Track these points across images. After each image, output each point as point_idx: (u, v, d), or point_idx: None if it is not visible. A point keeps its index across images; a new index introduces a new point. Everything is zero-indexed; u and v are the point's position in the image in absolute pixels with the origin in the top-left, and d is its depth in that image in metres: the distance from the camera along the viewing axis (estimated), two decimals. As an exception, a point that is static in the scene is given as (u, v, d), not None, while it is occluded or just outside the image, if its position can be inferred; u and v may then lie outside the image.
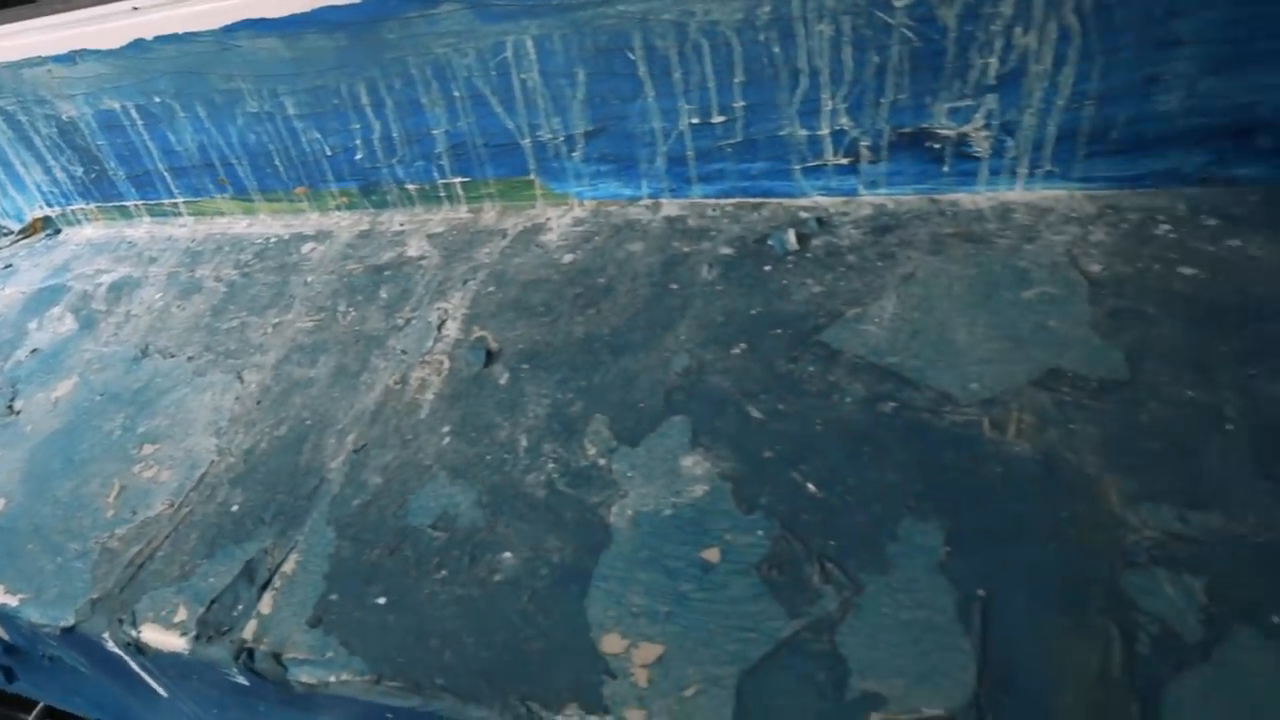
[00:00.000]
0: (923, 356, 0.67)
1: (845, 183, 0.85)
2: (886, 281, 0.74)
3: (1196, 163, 0.75)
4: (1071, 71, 0.73)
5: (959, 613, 0.51)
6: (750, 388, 0.69)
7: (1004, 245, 0.75)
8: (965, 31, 0.73)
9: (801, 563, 0.56)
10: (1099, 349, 0.63)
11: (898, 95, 0.78)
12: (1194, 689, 0.45)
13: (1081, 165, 0.77)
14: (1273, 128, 0.71)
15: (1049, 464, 0.57)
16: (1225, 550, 0.50)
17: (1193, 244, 0.70)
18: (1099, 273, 0.69)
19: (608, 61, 0.84)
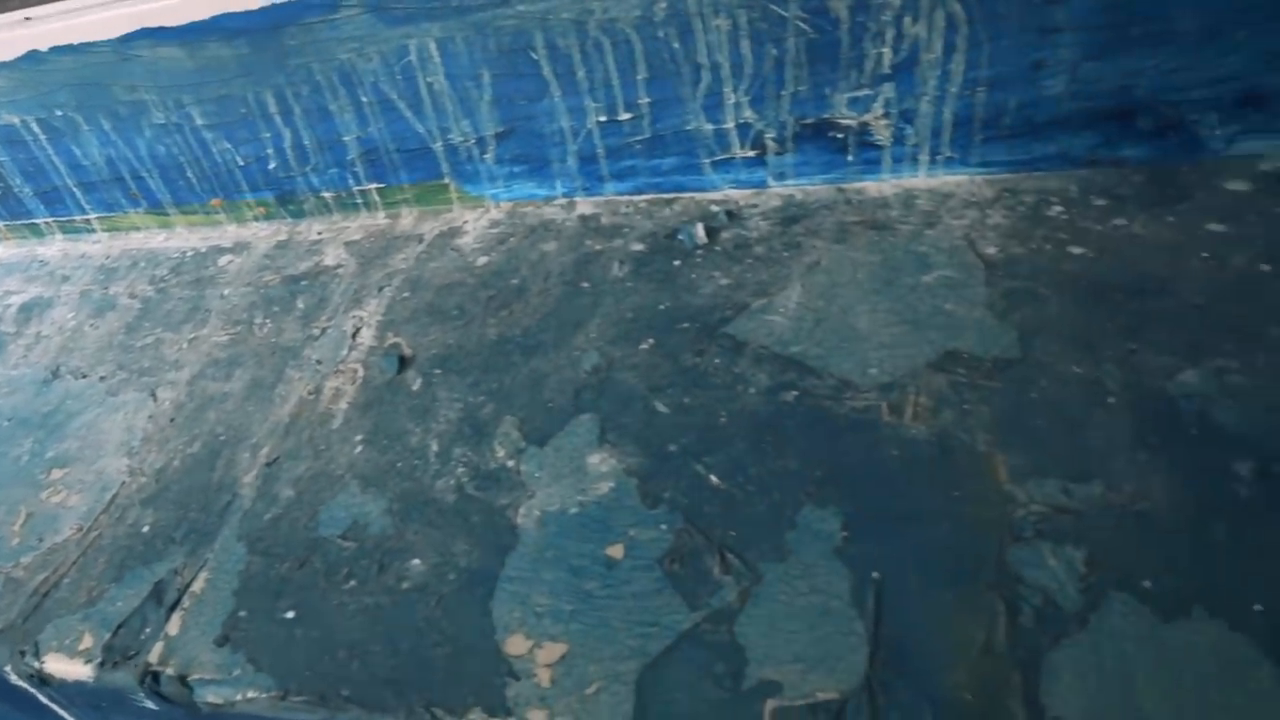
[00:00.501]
0: (825, 344, 0.67)
1: (754, 175, 0.86)
2: (792, 271, 0.75)
3: (1085, 145, 0.77)
4: (962, 59, 0.74)
5: (854, 596, 0.51)
6: (657, 383, 0.69)
7: (906, 231, 0.76)
8: (857, 22, 0.74)
9: (703, 555, 0.56)
10: (993, 330, 0.65)
11: (797, 87, 0.79)
12: (1071, 656, 0.46)
13: (979, 150, 0.79)
14: (1150, 110, 0.73)
15: (943, 445, 0.58)
16: (1104, 520, 0.51)
17: (1082, 224, 0.72)
18: (995, 255, 0.71)
19: (511, 62, 0.84)
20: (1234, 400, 0.55)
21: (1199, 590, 0.47)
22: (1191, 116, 0.73)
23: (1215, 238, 0.67)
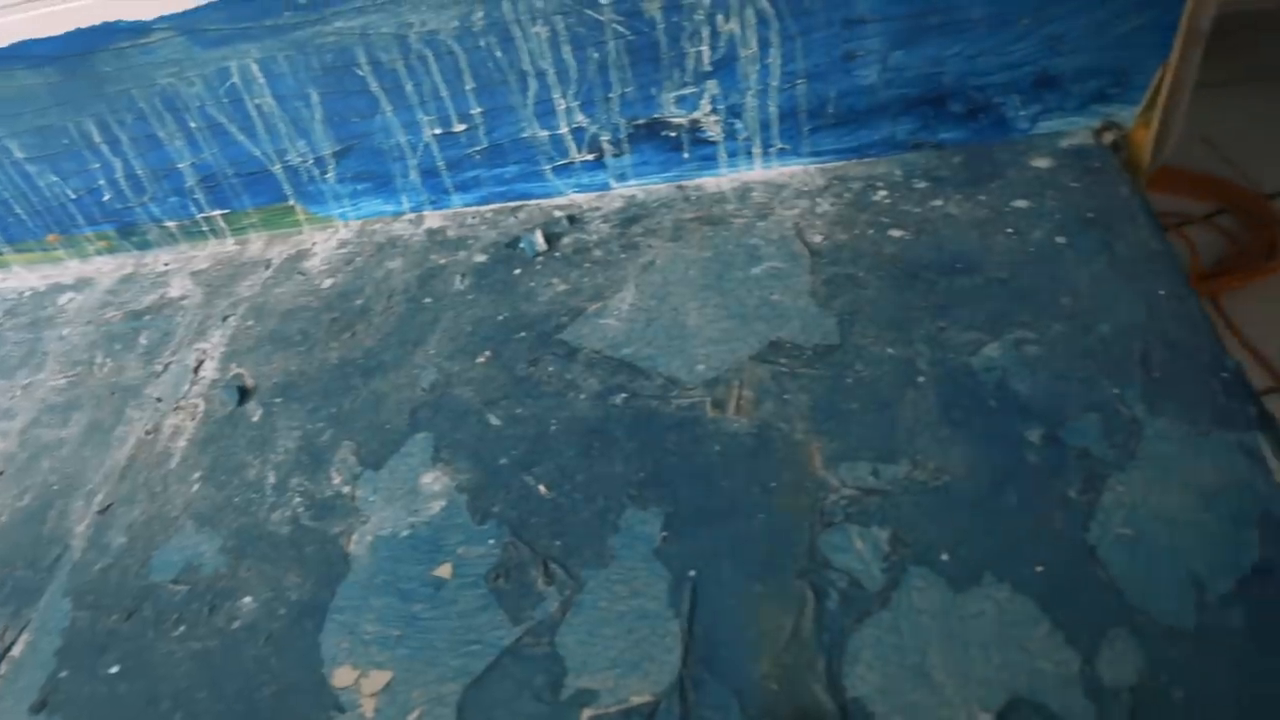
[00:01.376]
0: (656, 344, 0.68)
1: (596, 178, 0.86)
2: (628, 273, 0.75)
3: (906, 130, 0.79)
4: (777, 53, 0.75)
5: (671, 597, 0.52)
6: (492, 395, 0.68)
7: (739, 225, 0.77)
8: (672, 22, 0.74)
9: (528, 567, 0.56)
10: (815, 317, 0.66)
11: (624, 89, 0.79)
12: (872, 636, 0.47)
13: (809, 140, 0.80)
14: (960, 94, 0.76)
15: (763, 436, 0.59)
16: (908, 499, 0.53)
17: (903, 207, 0.74)
18: (820, 243, 0.72)
19: (338, 80, 0.82)
20: (1029, 370, 0.58)
21: (989, 558, 0.49)
22: (997, 99, 0.76)
23: (1019, 214, 0.70)
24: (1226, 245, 2.22)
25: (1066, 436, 0.53)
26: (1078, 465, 0.52)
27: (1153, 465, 0.51)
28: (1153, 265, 0.62)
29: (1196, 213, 2.36)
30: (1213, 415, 0.52)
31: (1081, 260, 0.64)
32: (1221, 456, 0.50)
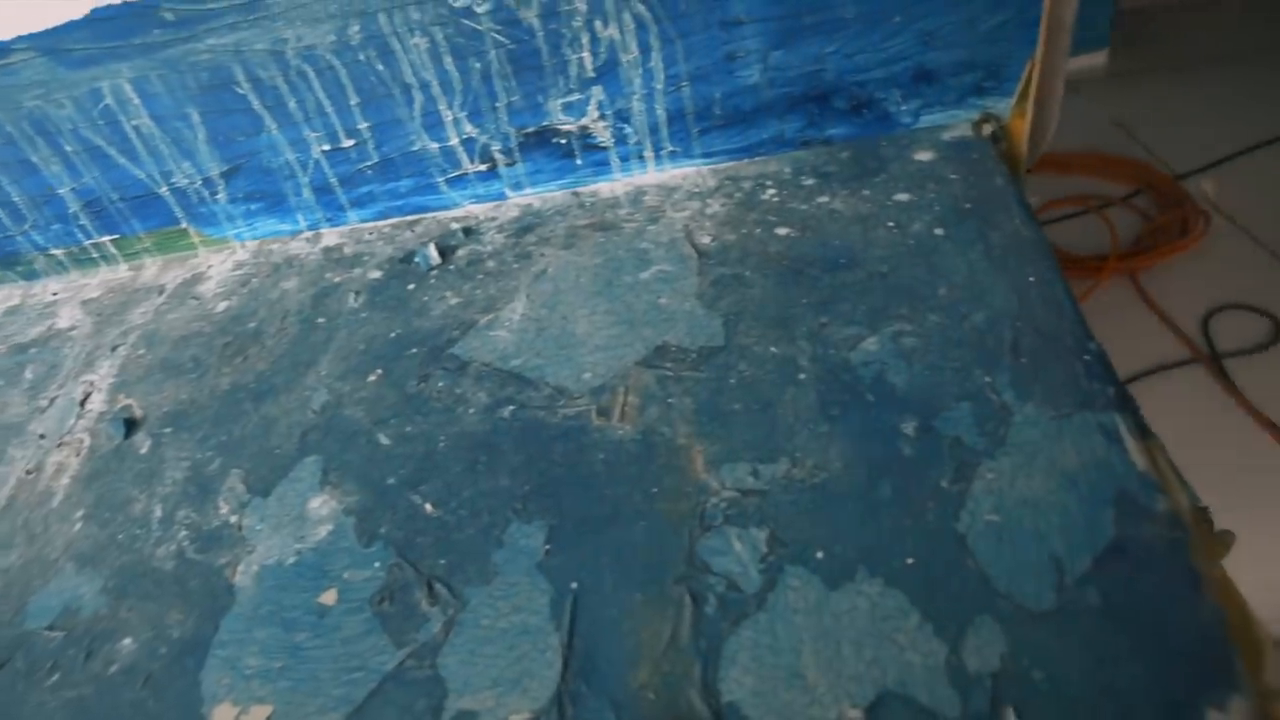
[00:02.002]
0: (545, 354, 0.67)
1: (491, 188, 0.85)
2: (520, 283, 0.74)
3: (794, 128, 0.79)
4: (659, 57, 0.75)
5: (553, 610, 0.51)
6: (382, 414, 0.67)
7: (631, 229, 0.77)
8: (551, 29, 0.74)
9: (413, 588, 0.55)
10: (701, 319, 0.66)
11: (510, 98, 0.78)
12: (748, 639, 0.47)
13: (700, 142, 0.81)
14: (843, 91, 0.77)
15: (647, 442, 0.58)
16: (787, 498, 0.53)
17: (791, 205, 0.74)
18: (709, 244, 0.72)
19: (217, 98, 0.80)
20: (906, 362, 0.58)
21: (863, 553, 0.49)
22: (879, 95, 0.77)
23: (901, 207, 0.70)
24: (1143, 225, 2.29)
25: (940, 427, 0.54)
26: (950, 455, 0.52)
27: (1020, 451, 0.52)
28: (1024, 253, 0.63)
29: (1117, 195, 2.44)
30: (1075, 398, 0.53)
31: (958, 251, 0.65)
32: (1082, 438, 0.51)
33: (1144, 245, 2.20)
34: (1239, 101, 2.81)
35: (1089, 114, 2.89)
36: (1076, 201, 2.45)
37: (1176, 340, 1.89)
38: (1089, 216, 2.36)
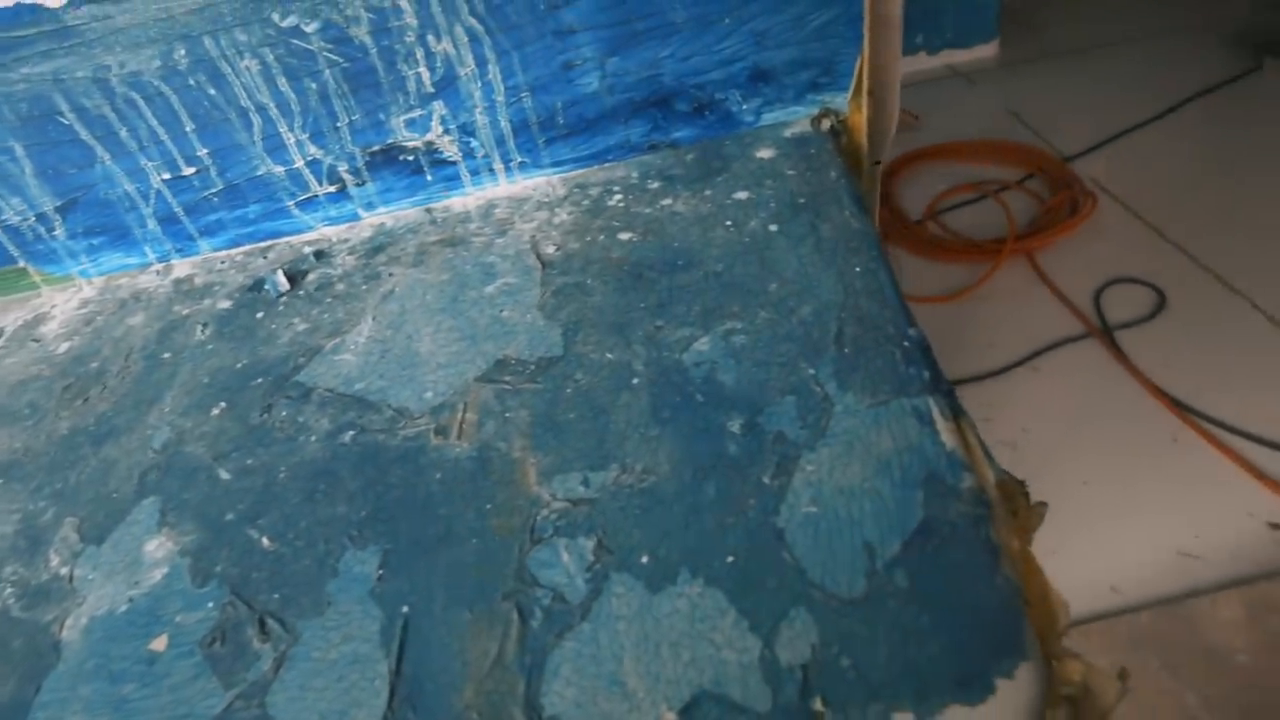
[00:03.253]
0: (388, 375, 0.66)
1: (344, 209, 0.84)
2: (367, 304, 0.73)
3: (640, 132, 0.80)
4: (496, 69, 0.75)
5: (383, 637, 0.50)
6: (223, 449, 0.65)
7: (479, 244, 0.76)
8: (384, 46, 0.73)
9: (245, 626, 0.53)
10: (541, 330, 0.66)
11: (352, 117, 0.77)
12: (572, 650, 0.47)
13: (547, 152, 0.81)
14: (683, 94, 0.77)
15: (483, 458, 0.58)
16: (615, 504, 0.53)
17: (635, 209, 0.75)
18: (553, 254, 0.72)
19: (41, 130, 0.77)
20: (735, 360, 0.59)
21: (685, 554, 0.49)
22: (719, 96, 0.78)
23: (739, 205, 0.71)
24: (1038, 207, 2.38)
25: (765, 422, 0.55)
26: (773, 450, 0.53)
27: (839, 440, 0.53)
28: (851, 244, 0.65)
29: (1012, 179, 2.53)
30: (893, 384, 0.54)
31: (790, 246, 0.66)
32: (897, 423, 0.52)
33: (1039, 226, 2.28)
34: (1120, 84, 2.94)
35: (983, 103, 2.99)
36: (974, 188, 2.53)
37: (1072, 315, 1.97)
38: (987, 201, 2.44)
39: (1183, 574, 1.41)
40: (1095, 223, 2.26)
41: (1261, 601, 1.36)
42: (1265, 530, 1.43)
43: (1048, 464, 1.61)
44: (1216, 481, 1.54)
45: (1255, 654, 1.32)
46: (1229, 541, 1.42)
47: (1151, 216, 2.23)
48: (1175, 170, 2.46)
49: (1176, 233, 2.16)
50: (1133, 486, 1.54)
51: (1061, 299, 2.01)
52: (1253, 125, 2.58)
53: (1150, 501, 1.51)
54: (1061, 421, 1.70)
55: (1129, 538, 1.46)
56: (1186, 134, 2.60)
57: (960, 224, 2.36)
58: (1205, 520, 1.46)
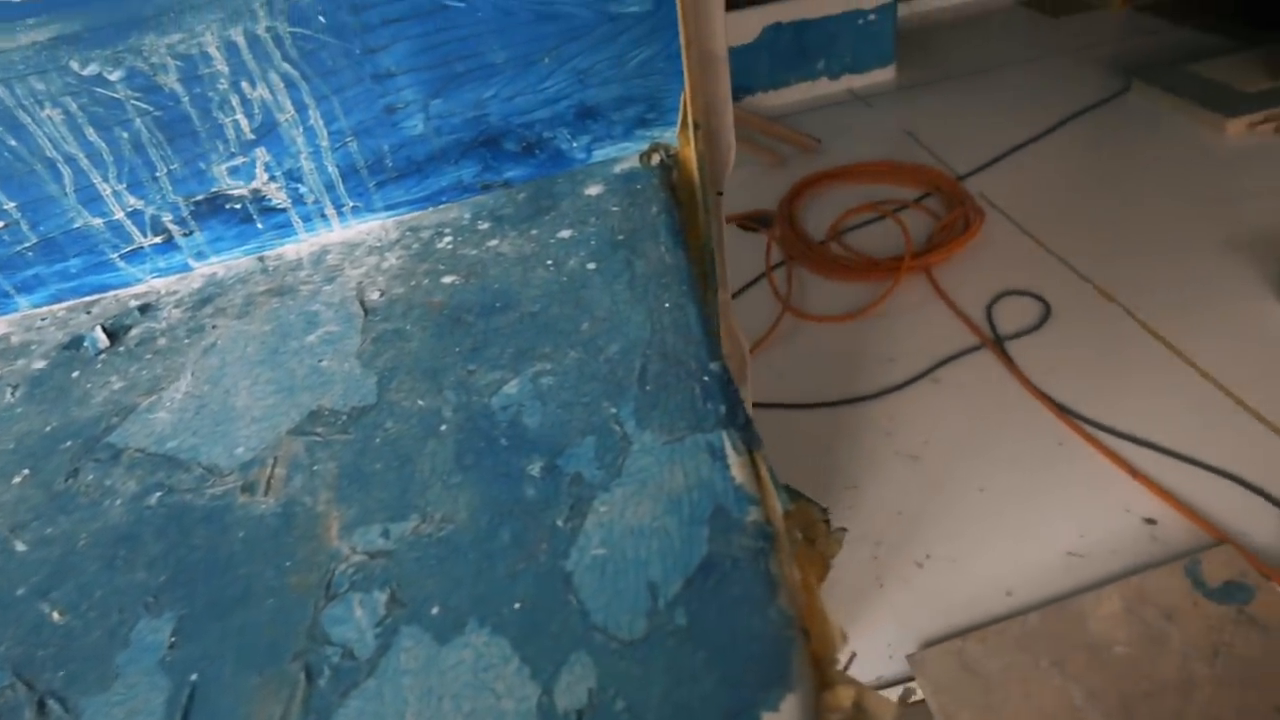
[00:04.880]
0: (201, 432, 0.64)
1: (173, 260, 0.81)
2: (188, 359, 0.71)
3: (471, 173, 0.80)
4: (317, 114, 0.74)
5: (168, 709, 0.49)
6: (23, 519, 0.62)
7: (307, 292, 0.75)
8: (196, 94, 0.72)
9: (23, 709, 0.51)
10: (357, 379, 0.65)
11: (170, 166, 0.75)
12: (356, 709, 0.46)
13: (380, 195, 0.80)
14: (510, 133, 0.78)
15: (287, 514, 0.57)
16: (412, 555, 0.52)
17: (463, 251, 0.75)
18: (377, 300, 0.72)
19: None
20: (542, 402, 0.59)
21: (475, 603, 0.49)
22: (547, 134, 0.79)
23: (562, 244, 0.72)
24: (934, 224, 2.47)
25: (564, 464, 0.55)
26: (569, 492, 0.53)
27: (633, 480, 0.53)
28: (664, 279, 0.66)
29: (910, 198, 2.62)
30: (690, 420, 0.55)
31: (605, 284, 0.67)
32: (690, 460, 0.53)
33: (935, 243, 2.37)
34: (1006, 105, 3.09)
35: (881, 124, 3.10)
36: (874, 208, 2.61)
37: (967, 328, 2.04)
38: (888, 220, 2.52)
39: (1070, 573, 1.47)
40: (986, 238, 2.37)
41: (1136, 594, 1.42)
42: (1141, 525, 1.51)
43: (948, 474, 1.66)
44: (1098, 481, 1.62)
45: (1131, 645, 1.38)
46: (1109, 538, 1.50)
47: (1036, 231, 2.34)
48: (1056, 186, 2.59)
49: (1058, 245, 2.27)
50: (1025, 491, 1.60)
51: (957, 312, 2.09)
52: (1122, 142, 2.74)
53: (1040, 504, 1.57)
54: (960, 432, 1.77)
55: (1022, 541, 1.52)
56: (1065, 151, 2.75)
57: (862, 243, 2.45)
58: (1089, 519, 1.54)
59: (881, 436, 1.76)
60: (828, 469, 1.71)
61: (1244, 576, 1.38)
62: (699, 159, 0.81)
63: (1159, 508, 1.54)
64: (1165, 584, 1.41)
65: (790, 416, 1.88)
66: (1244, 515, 1.49)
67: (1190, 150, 2.56)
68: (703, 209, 0.84)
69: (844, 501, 1.63)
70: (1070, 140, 2.74)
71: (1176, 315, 1.97)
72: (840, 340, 2.07)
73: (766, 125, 3.04)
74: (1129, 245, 2.22)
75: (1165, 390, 1.79)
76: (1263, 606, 1.35)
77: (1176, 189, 2.42)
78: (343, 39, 0.70)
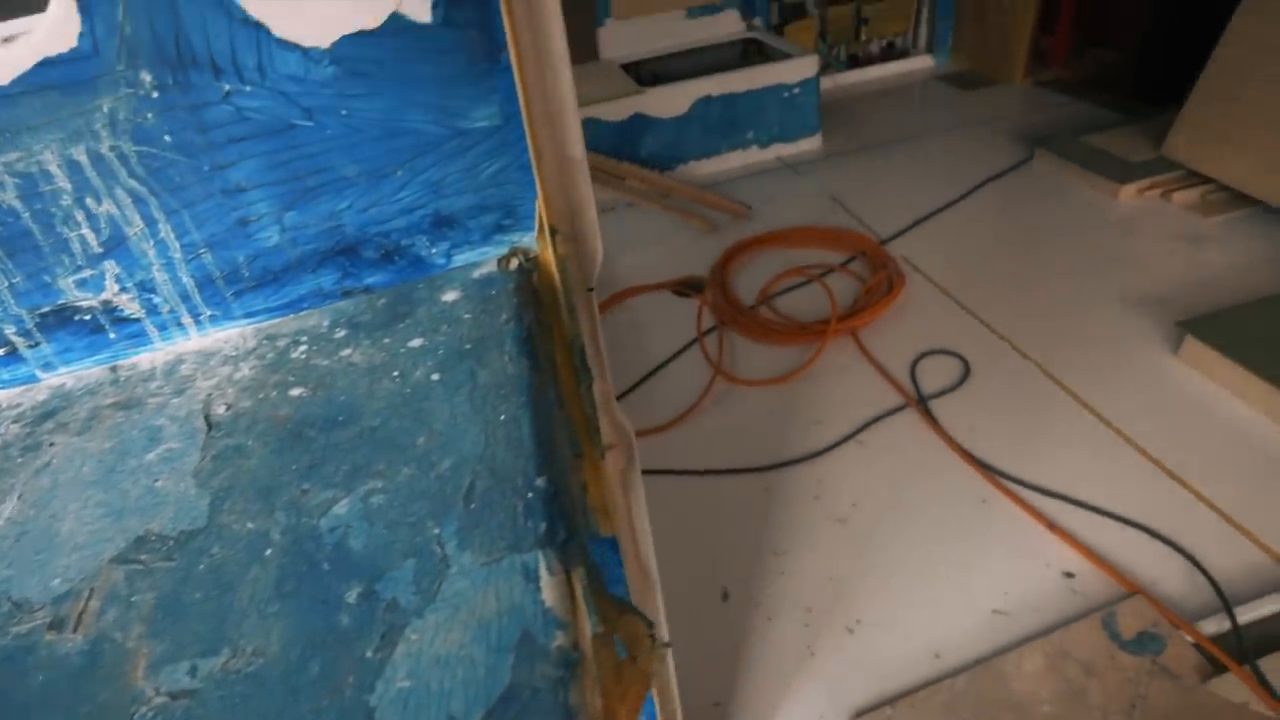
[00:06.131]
0: (18, 564, 0.62)
1: (18, 372, 0.80)
2: (19, 480, 0.69)
3: (331, 280, 0.80)
4: (168, 228, 0.74)
5: None
6: None
7: (154, 405, 0.74)
8: (37, 210, 0.71)
9: None
10: (190, 500, 0.64)
11: (12, 280, 0.74)
12: None
13: (238, 304, 0.80)
14: (368, 242, 0.79)
15: (95, 652, 0.55)
16: (218, 694, 0.51)
17: (316, 361, 0.75)
18: (223, 414, 0.71)
19: None
20: (369, 523, 0.59)
21: (274, 746, 0.48)
22: (405, 242, 0.80)
23: (411, 354, 0.72)
24: (860, 287, 2.54)
25: (381, 589, 0.54)
26: (383, 619, 0.52)
27: (447, 605, 0.53)
28: (503, 390, 0.66)
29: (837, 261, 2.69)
30: (509, 540, 0.55)
31: (446, 396, 0.67)
32: (505, 582, 0.53)
33: (860, 306, 2.44)
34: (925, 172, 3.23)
35: (809, 191, 3.22)
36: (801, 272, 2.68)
37: (892, 388, 2.09)
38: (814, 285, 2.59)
39: (995, 631, 1.48)
40: (909, 299, 2.45)
41: (1058, 650, 1.44)
42: (1060, 578, 1.53)
43: (876, 536, 1.68)
44: (1019, 537, 1.65)
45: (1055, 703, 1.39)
46: (1032, 594, 1.52)
47: (954, 291, 2.42)
48: (971, 248, 2.70)
49: (975, 305, 2.36)
50: (951, 550, 1.62)
51: (882, 373, 2.14)
52: (1029, 206, 2.88)
53: (966, 563, 1.59)
54: (887, 492, 1.79)
55: (949, 602, 1.53)
56: (979, 216, 2.87)
57: (792, 306, 2.51)
58: (1012, 576, 1.56)
59: (810, 500, 1.78)
60: (758, 535, 1.71)
61: (1156, 627, 1.41)
62: (560, 261, 0.83)
63: (1077, 561, 1.58)
64: (1084, 638, 1.43)
65: (721, 483, 1.89)
66: (1155, 565, 1.54)
67: (1089, 214, 2.72)
68: (565, 310, 0.85)
69: (774, 568, 1.63)
70: (983, 205, 2.88)
71: (1085, 371, 2.05)
72: (771, 403, 2.10)
73: (698, 193, 3.13)
74: (1039, 304, 2.32)
75: (1078, 444, 1.85)
76: (1173, 657, 1.37)
77: (1079, 250, 2.55)
78: (190, 156, 0.71)
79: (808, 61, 3.36)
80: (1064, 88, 3.75)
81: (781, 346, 2.35)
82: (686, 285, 2.66)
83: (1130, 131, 3.02)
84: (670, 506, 1.82)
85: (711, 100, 3.29)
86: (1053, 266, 2.49)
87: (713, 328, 2.45)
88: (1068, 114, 3.48)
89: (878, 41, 4.19)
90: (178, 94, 0.67)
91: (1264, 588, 1.43)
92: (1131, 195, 2.76)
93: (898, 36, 4.22)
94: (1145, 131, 2.97)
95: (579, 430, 0.98)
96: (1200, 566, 1.51)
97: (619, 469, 1.11)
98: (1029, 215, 2.80)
